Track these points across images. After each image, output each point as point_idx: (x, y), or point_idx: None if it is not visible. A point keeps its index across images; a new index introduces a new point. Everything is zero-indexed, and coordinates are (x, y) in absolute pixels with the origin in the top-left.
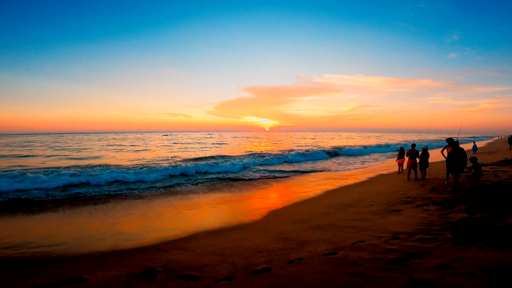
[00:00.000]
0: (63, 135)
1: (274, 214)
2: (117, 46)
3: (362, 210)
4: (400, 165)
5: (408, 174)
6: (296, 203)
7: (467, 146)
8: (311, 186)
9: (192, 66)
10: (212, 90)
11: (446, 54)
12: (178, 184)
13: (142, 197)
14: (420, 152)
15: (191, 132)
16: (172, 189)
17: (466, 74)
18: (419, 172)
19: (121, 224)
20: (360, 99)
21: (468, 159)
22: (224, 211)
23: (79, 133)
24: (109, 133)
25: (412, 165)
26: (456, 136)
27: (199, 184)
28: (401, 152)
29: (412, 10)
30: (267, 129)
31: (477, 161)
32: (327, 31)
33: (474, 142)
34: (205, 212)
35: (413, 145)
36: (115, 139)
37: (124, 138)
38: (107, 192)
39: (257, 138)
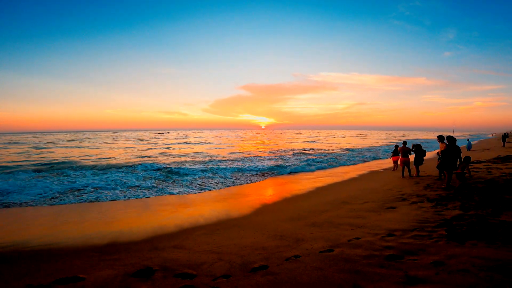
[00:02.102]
0: (55, 133)
1: (270, 212)
2: (111, 44)
3: (358, 207)
4: (395, 162)
5: (402, 172)
6: (292, 200)
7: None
8: (306, 184)
9: (188, 64)
10: (208, 88)
11: (441, 53)
12: None
13: None
14: (412, 149)
15: (188, 130)
16: None
17: (460, 72)
18: (413, 168)
19: (118, 223)
20: (356, 97)
21: (459, 157)
22: (220, 210)
23: (70, 131)
24: (102, 131)
25: (404, 163)
26: (451, 135)
27: None
28: (395, 149)
29: (408, 8)
30: (263, 127)
31: (470, 161)
32: (323, 29)
33: (468, 140)
34: (202, 211)
35: (404, 143)
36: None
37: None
38: None
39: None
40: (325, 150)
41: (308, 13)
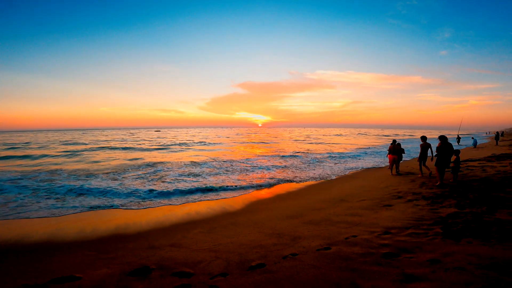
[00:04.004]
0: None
1: (267, 210)
2: (108, 42)
3: (354, 205)
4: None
5: (397, 169)
6: (289, 198)
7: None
8: (304, 182)
9: (185, 62)
10: (204, 86)
11: (437, 52)
12: None
13: None
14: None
15: (184, 128)
16: None
17: (455, 71)
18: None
19: (114, 222)
20: (352, 95)
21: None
22: (217, 208)
23: (67, 130)
24: (97, 130)
25: (393, 161)
26: (457, 133)
27: None
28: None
29: (404, 7)
30: (260, 125)
31: (459, 155)
32: (320, 28)
33: (473, 138)
34: (199, 209)
35: (394, 141)
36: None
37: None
38: None
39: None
40: (329, 151)
41: (306, 12)
